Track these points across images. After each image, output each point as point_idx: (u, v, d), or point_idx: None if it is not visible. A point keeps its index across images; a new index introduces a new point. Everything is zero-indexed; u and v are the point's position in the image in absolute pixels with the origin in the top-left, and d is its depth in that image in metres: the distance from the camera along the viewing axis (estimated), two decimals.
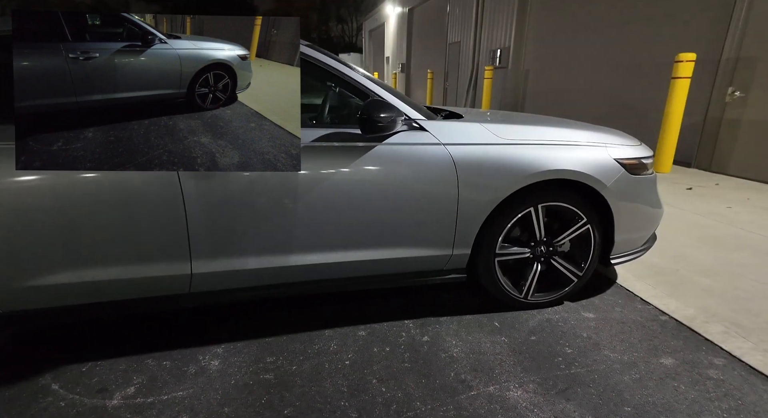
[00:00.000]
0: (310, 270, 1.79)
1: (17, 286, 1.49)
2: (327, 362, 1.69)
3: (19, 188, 1.41)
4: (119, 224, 1.53)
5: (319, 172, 1.68)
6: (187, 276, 1.66)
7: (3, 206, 1.40)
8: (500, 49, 9.47)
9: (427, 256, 1.89)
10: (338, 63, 1.83)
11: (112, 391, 1.53)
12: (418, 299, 2.19)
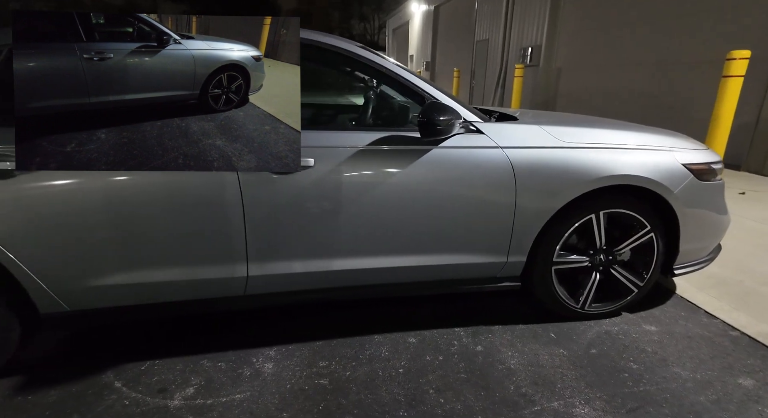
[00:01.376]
0: (361, 275, 1.77)
1: (82, 286, 1.53)
2: (380, 369, 1.66)
3: (84, 192, 1.44)
4: (180, 227, 1.54)
5: (373, 177, 1.65)
6: (243, 278, 1.67)
7: (70, 210, 1.43)
8: (531, 47, 9.25)
9: (480, 263, 1.84)
10: (390, 63, 1.80)
11: (172, 391, 1.54)
12: (468, 306, 2.14)
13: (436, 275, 1.85)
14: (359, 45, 1.86)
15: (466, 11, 13.08)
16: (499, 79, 10.72)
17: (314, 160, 1.60)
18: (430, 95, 1.76)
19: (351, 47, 1.77)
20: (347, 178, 1.63)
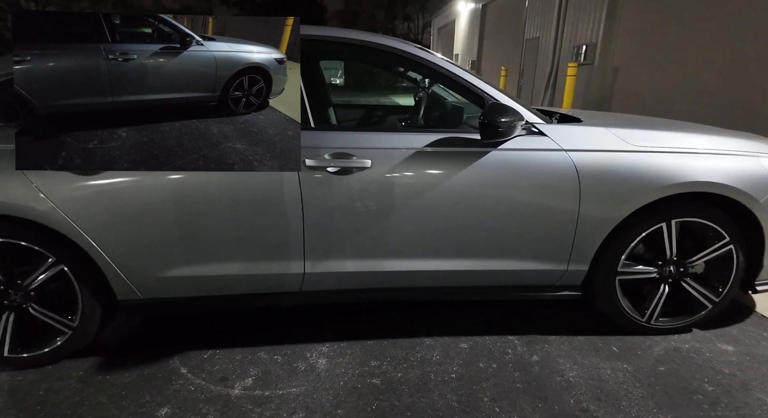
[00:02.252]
0: (413, 277, 1.76)
1: (155, 276, 1.63)
2: (432, 373, 1.65)
3: (159, 189, 1.53)
4: (242, 224, 1.61)
5: (430, 178, 1.64)
6: (300, 275, 1.71)
7: (146, 205, 1.53)
8: (586, 45, 8.83)
9: (537, 270, 1.77)
10: (449, 63, 1.78)
11: (233, 380, 1.61)
12: (522, 313, 2.07)
13: (490, 280, 1.81)
14: (416, 45, 1.86)
15: (515, 9, 12.72)
16: (549, 79, 10.33)
17: (371, 161, 1.61)
18: (491, 96, 1.72)
19: (408, 48, 1.77)
20: (403, 180, 1.64)
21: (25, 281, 1.58)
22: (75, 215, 1.50)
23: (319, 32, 1.79)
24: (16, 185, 1.45)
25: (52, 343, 1.64)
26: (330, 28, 1.86)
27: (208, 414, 1.44)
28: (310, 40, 1.78)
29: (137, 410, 1.45)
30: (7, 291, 1.58)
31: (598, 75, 8.70)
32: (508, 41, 13.33)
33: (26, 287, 1.59)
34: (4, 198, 1.45)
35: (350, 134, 1.69)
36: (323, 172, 1.60)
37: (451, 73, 1.74)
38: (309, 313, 2.07)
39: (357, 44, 1.78)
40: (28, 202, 1.46)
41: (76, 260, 1.57)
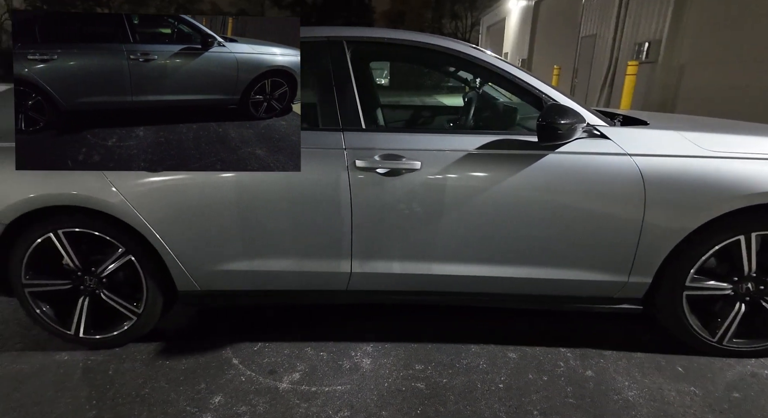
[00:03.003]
0: (461, 281, 1.73)
1: (212, 269, 1.71)
2: (479, 382, 1.61)
3: (219, 186, 1.60)
4: (294, 222, 1.65)
5: (482, 181, 1.60)
6: (347, 274, 1.73)
7: (207, 201, 1.60)
8: (648, 42, 8.28)
9: (594, 281, 1.68)
10: (504, 62, 1.72)
11: (281, 374, 1.66)
12: (575, 325, 1.97)
13: (542, 289, 1.73)
14: (469, 44, 1.82)
15: (570, 5, 12.18)
16: (606, 78, 9.79)
17: (421, 163, 1.60)
18: (549, 96, 1.65)
19: (461, 47, 1.74)
20: (454, 182, 1.61)
21: (98, 268, 1.71)
22: (142, 208, 1.60)
23: (371, 34, 1.80)
24: (91, 179, 1.56)
25: (120, 327, 1.77)
26: (382, 30, 1.87)
27: (257, 405, 1.49)
28: (364, 42, 1.80)
29: (194, 396, 1.53)
30: (83, 277, 1.72)
31: (662, 74, 8.13)
32: (562, 39, 12.80)
33: (99, 275, 1.72)
34: (81, 191, 1.57)
35: (400, 135, 1.68)
36: (372, 173, 1.60)
37: (507, 72, 1.69)
38: (354, 312, 2.09)
39: (409, 45, 1.77)
40: (101, 195, 1.58)
41: (142, 252, 1.68)
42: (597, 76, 10.44)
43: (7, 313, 2.02)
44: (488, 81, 2.17)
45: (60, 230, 1.64)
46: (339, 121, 1.66)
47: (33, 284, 1.71)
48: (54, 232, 1.64)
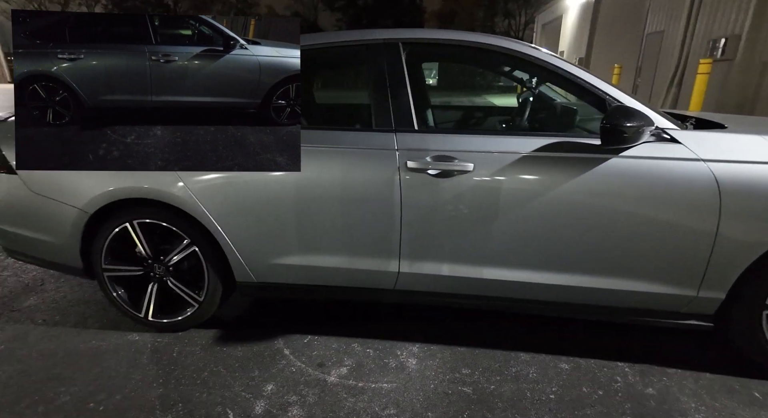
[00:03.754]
0: (511, 287, 1.68)
1: (268, 262, 1.79)
2: (528, 391, 1.56)
3: (278, 183, 1.66)
4: (347, 220, 1.68)
5: (538, 185, 1.55)
6: (394, 274, 1.74)
7: (266, 197, 1.68)
8: (725, 38, 7.59)
9: (658, 293, 1.57)
10: (563, 61, 1.66)
11: (329, 367, 1.71)
12: (635, 339, 1.86)
13: (599, 299, 1.65)
14: (527, 43, 1.77)
15: (635, 0, 11.45)
16: (674, 77, 9.09)
17: (473, 164, 1.58)
18: (613, 98, 1.57)
19: (518, 47, 1.69)
20: (508, 185, 1.57)
21: (166, 257, 1.85)
22: (207, 202, 1.70)
23: (428, 35, 1.80)
24: (163, 174, 1.68)
25: (183, 313, 1.90)
26: (438, 31, 1.86)
27: (307, 396, 1.54)
28: (420, 43, 1.80)
29: (248, 383, 1.61)
30: (153, 265, 1.87)
31: (740, 72, 7.43)
32: (624, 36, 12.07)
33: (167, 263, 1.85)
34: (152, 185, 1.70)
35: (452, 137, 1.67)
36: (424, 174, 1.60)
37: (568, 72, 1.63)
38: (400, 311, 2.10)
39: (466, 45, 1.75)
40: (171, 189, 1.70)
41: (205, 243, 1.79)
42: (663, 75, 9.73)
43: (88, 294, 2.24)
44: (546, 81, 2.10)
45: (135, 221, 1.79)
46: (392, 122, 1.68)
47: (111, 269, 1.87)
48: (130, 222, 1.79)
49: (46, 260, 1.95)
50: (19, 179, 1.78)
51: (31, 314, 2.05)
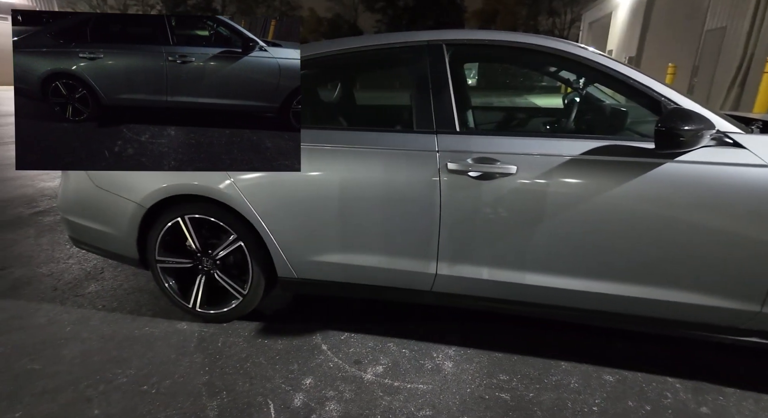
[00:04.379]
0: (555, 294, 1.64)
1: (309, 259, 1.83)
2: (569, 401, 1.52)
3: (320, 182, 1.71)
4: (386, 220, 1.70)
5: (584, 189, 1.50)
6: (432, 275, 1.74)
7: (308, 196, 1.72)
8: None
9: (715, 307, 1.48)
10: (613, 60, 1.59)
11: (365, 365, 1.73)
12: (687, 354, 1.76)
13: (648, 310, 1.57)
14: (574, 43, 1.71)
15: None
16: (736, 76, 8.47)
17: (517, 167, 1.55)
18: (669, 99, 1.49)
19: (566, 47, 1.65)
20: (552, 189, 1.53)
21: (214, 251, 1.94)
22: (253, 199, 1.77)
23: (472, 36, 1.79)
24: (213, 172, 1.77)
25: (228, 305, 1.99)
26: (482, 32, 1.84)
27: (344, 392, 1.57)
28: (463, 45, 1.79)
29: (288, 375, 1.67)
30: (201, 258, 1.97)
31: None
32: (680, 33, 11.39)
33: (214, 257, 1.95)
34: (202, 182, 1.79)
35: (495, 138, 1.65)
36: (464, 176, 1.59)
37: (619, 72, 1.56)
38: (437, 313, 2.09)
39: (511, 46, 1.72)
40: (219, 186, 1.78)
41: (250, 239, 1.87)
42: (723, 74, 9.10)
43: (142, 283, 2.39)
44: (596, 82, 2.03)
45: (186, 216, 1.89)
46: (433, 123, 1.68)
47: (163, 261, 1.99)
48: (181, 217, 1.89)
49: (107, 250, 2.09)
50: (85, 174, 1.94)
51: (92, 300, 2.21)
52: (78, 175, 1.97)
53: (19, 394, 1.55)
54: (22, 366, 1.70)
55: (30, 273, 2.48)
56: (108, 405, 1.50)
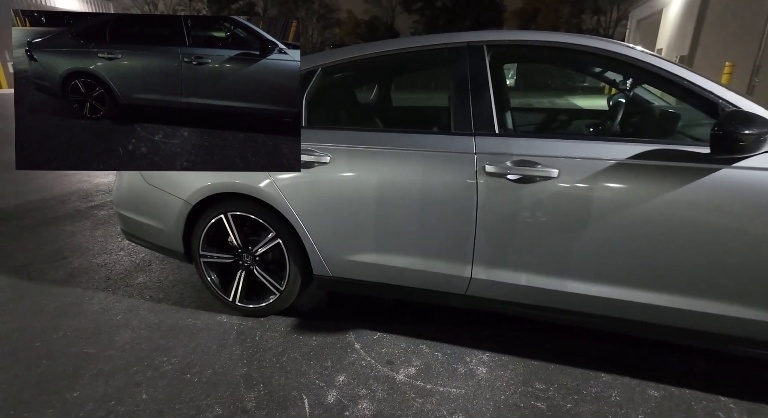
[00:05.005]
0: (596, 303, 1.57)
1: (344, 258, 1.86)
2: (610, 415, 1.46)
3: (356, 183, 1.73)
4: (421, 222, 1.70)
5: (631, 195, 1.43)
6: (466, 279, 1.72)
7: (344, 196, 1.75)
8: None
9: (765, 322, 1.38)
10: (664, 61, 1.51)
11: (398, 366, 1.74)
12: (742, 372, 1.65)
13: (698, 324, 1.48)
14: (623, 43, 1.65)
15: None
16: None
17: (558, 171, 1.51)
18: (728, 101, 1.40)
19: (614, 47, 1.58)
20: (596, 194, 1.47)
21: (253, 248, 2.01)
22: (291, 198, 1.82)
23: (513, 37, 1.76)
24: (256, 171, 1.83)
25: (266, 300, 2.05)
26: (524, 32, 1.79)
27: (376, 392, 1.59)
28: (504, 46, 1.76)
29: (321, 371, 1.70)
30: (242, 254, 2.04)
31: None
32: (739, 30, 10.67)
33: (254, 253, 2.02)
34: (244, 180, 1.85)
35: (536, 141, 1.61)
36: (503, 179, 1.56)
37: (671, 73, 1.49)
38: (471, 316, 2.07)
39: (554, 46, 1.68)
40: (260, 184, 1.84)
41: (288, 237, 1.92)
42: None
43: (186, 276, 2.51)
44: (645, 83, 1.94)
45: (229, 213, 1.97)
46: (472, 125, 1.66)
47: (206, 256, 2.08)
48: (224, 214, 1.97)
49: (155, 244, 2.22)
50: (138, 172, 2.06)
51: (141, 290, 2.35)
52: (131, 172, 2.10)
53: (77, 375, 1.67)
54: (79, 349, 1.83)
55: (86, 263, 2.66)
56: (155, 391, 1.59)
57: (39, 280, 2.44)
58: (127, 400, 1.54)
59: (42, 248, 2.87)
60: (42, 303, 2.20)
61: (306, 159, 1.77)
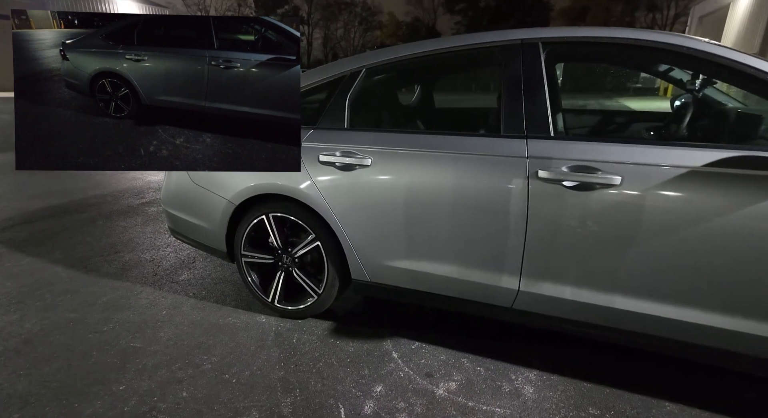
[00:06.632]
0: (658, 323, 1.42)
1: (382, 263, 1.81)
2: None
3: (395, 188, 1.67)
4: (463, 229, 1.61)
5: (707, 207, 1.28)
6: (513, 292, 1.62)
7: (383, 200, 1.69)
8: None
9: None
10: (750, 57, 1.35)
11: (437, 379, 1.66)
12: None
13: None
14: (697, 37, 1.49)
15: None
16: None
17: (621, 178, 1.37)
18: None
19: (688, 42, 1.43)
20: (665, 204, 1.33)
21: (293, 250, 2.00)
22: (332, 200, 1.79)
23: (573, 34, 1.63)
24: (298, 173, 1.82)
25: (304, 302, 2.04)
26: (584, 28, 1.66)
27: (415, 406, 1.52)
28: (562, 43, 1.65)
29: (358, 380, 1.65)
30: (282, 255, 2.04)
31: None
32: None
33: (293, 255, 2.01)
34: (285, 182, 1.84)
35: (596, 145, 1.48)
36: (558, 185, 1.45)
37: (762, 71, 1.32)
38: (516, 330, 1.95)
39: (620, 43, 1.54)
40: (301, 186, 1.82)
41: (327, 240, 1.89)
42: None
43: (227, 275, 2.56)
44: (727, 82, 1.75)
45: (270, 214, 1.97)
46: (524, 127, 1.56)
47: (248, 255, 2.10)
48: (266, 215, 1.98)
49: (200, 242, 2.26)
50: (185, 172, 2.11)
51: (185, 287, 2.41)
52: (180, 172, 2.15)
53: (124, 369, 1.72)
54: (127, 343, 1.89)
55: (136, 258, 2.77)
56: (195, 389, 1.60)
57: (95, 272, 2.57)
58: (168, 397, 1.57)
59: (99, 242, 3.03)
60: (96, 294, 2.30)
61: (347, 162, 1.74)
